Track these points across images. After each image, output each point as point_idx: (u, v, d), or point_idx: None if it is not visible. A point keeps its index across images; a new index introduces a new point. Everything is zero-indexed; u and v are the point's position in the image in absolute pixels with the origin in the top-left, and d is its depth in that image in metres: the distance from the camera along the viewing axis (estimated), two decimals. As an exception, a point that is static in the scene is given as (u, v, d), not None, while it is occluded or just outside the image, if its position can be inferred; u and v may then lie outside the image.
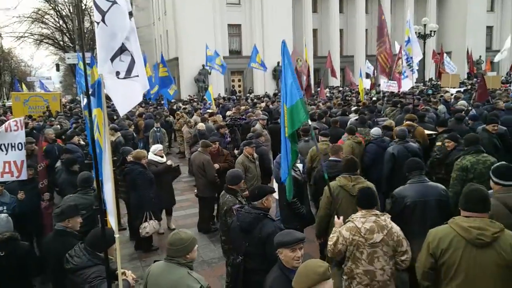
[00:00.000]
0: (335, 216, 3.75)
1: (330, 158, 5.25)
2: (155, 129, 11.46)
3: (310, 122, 4.55)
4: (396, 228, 3.33)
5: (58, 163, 6.75)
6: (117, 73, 3.03)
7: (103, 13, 2.89)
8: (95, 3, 2.89)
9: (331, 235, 3.49)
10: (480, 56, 36.02)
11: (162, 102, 19.74)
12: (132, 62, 3.08)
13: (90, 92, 3.07)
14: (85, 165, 7.01)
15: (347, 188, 4.08)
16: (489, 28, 39.93)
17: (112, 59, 2.97)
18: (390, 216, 3.41)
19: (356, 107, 11.77)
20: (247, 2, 31.36)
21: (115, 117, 13.05)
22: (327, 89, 25.32)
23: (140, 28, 32.52)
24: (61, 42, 32.72)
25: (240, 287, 3.59)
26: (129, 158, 6.42)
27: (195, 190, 7.20)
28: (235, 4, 31.46)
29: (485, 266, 2.68)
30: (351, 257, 3.34)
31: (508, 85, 20.10)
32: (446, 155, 5.81)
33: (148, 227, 6.02)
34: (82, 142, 8.41)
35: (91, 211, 4.75)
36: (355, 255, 3.31)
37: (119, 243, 3.09)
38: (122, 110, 3.29)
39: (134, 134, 11.39)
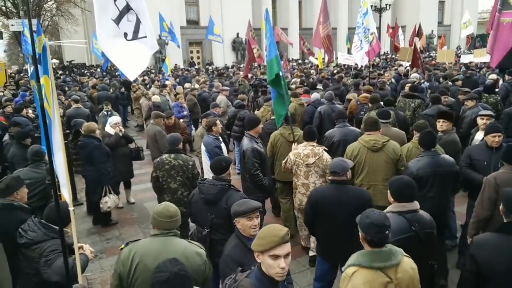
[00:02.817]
0: (293, 145, 4.94)
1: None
2: (105, 113, 9.27)
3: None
4: (326, 156, 4.61)
5: (6, 137, 6.38)
6: (125, 35, 2.85)
7: None
8: None
9: (284, 160, 4.83)
10: (432, 31, 37.28)
11: (117, 73, 18.96)
12: (138, 21, 2.91)
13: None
14: (37, 138, 6.68)
15: (285, 136, 5.42)
16: (441, 3, 41.21)
17: (118, 20, 2.78)
18: (324, 148, 4.77)
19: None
20: (204, -30, 30.28)
21: (66, 89, 12.43)
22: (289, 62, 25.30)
23: (89, -6, 30.68)
24: (3, 8, 30.24)
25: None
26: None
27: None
28: (192, -29, 30.30)
29: (379, 162, 4.35)
30: (295, 173, 4.70)
31: (457, 58, 21.06)
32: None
33: (109, 201, 5.90)
34: (31, 115, 7.96)
35: (44, 185, 4.57)
36: (296, 172, 4.67)
37: (74, 217, 3.01)
38: (132, 75, 3.13)
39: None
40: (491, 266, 2.51)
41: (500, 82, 9.73)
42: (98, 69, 25.38)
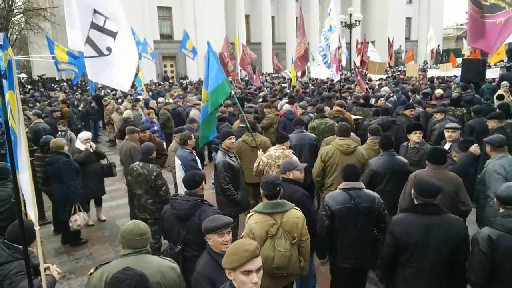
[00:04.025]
0: (259, 152, 5.40)
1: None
2: (60, 133, 8.67)
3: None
4: (295, 158, 5.01)
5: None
6: (108, 49, 2.86)
7: None
8: None
9: (255, 163, 5.20)
10: (400, 46, 38.61)
11: (88, 87, 18.62)
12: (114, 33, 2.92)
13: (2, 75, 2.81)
14: (3, 155, 6.44)
15: (248, 142, 5.97)
16: (408, 19, 42.88)
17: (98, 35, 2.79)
18: (293, 151, 5.32)
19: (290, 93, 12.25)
20: (177, -16, 30.39)
21: (31, 105, 12.10)
22: (261, 76, 25.57)
23: (60, 7, 30.13)
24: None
25: None
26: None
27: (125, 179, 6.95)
28: (165, -15, 30.35)
29: None
30: (266, 174, 4.93)
31: (424, 73, 21.85)
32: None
33: (79, 219, 5.71)
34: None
35: (10, 204, 4.40)
36: (268, 172, 4.97)
37: (40, 237, 2.89)
38: (126, 86, 3.13)
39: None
40: (405, 239, 3.02)
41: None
42: (65, 84, 24.85)
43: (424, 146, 5.13)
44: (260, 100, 11.05)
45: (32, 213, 2.89)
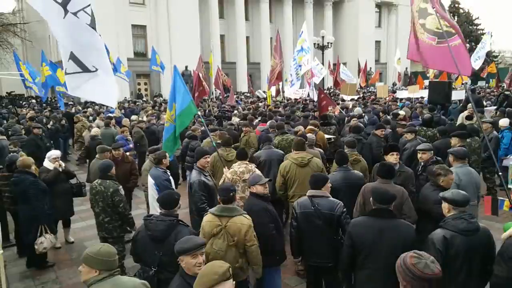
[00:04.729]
0: (224, 169, 5.49)
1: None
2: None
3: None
4: (257, 171, 5.18)
5: None
6: (94, 66, 2.86)
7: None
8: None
9: (221, 180, 5.34)
10: (370, 68, 39.90)
11: (58, 104, 18.17)
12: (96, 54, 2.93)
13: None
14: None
15: (223, 156, 6.00)
16: (377, 43, 44.53)
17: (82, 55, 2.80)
18: (255, 165, 5.60)
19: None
20: (152, 3, 30.45)
21: (5, 122, 11.70)
22: (235, 95, 25.75)
23: (31, 23, 29.54)
24: None
25: None
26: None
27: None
28: (139, 4, 30.35)
29: (306, 175, 4.94)
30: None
31: (394, 94, 22.59)
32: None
33: (46, 241, 5.46)
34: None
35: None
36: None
37: (3, 260, 2.76)
38: (112, 102, 3.14)
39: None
40: (360, 239, 3.31)
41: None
42: (33, 101, 24.17)
43: (405, 169, 5.19)
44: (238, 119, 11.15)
45: (-4, 236, 2.75)
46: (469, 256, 3.03)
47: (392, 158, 5.21)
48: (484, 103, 14.88)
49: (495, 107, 12.51)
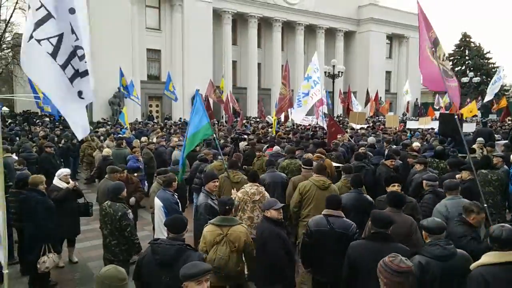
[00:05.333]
0: (233, 190, 5.76)
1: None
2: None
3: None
4: (267, 194, 5.63)
5: None
6: (80, 93, 2.94)
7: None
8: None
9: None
10: (380, 98, 40.05)
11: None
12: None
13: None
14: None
15: (230, 177, 6.32)
16: (388, 73, 44.85)
17: (72, 79, 2.88)
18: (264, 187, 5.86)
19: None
20: (167, 29, 31.26)
21: (17, 139, 11.89)
22: (245, 120, 25.97)
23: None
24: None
25: None
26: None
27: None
28: (155, 29, 31.18)
29: (324, 198, 4.79)
30: (241, 208, 5.47)
31: (403, 124, 22.56)
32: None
33: (48, 261, 5.40)
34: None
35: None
36: (243, 207, 5.49)
37: (7, 281, 2.74)
38: (82, 134, 3.20)
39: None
40: (358, 261, 3.54)
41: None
42: (47, 119, 24.57)
43: (409, 199, 5.10)
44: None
45: (2, 255, 2.75)
46: (445, 280, 3.17)
47: (393, 189, 5.11)
48: (496, 136, 14.77)
49: (506, 141, 12.39)
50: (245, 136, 12.74)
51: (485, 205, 4.64)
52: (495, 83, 20.05)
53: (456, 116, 7.02)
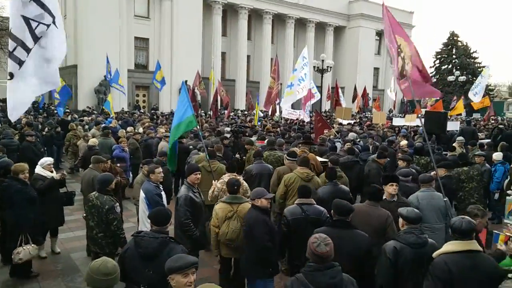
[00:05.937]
0: (213, 181, 5.83)
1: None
2: None
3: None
4: (245, 184, 5.82)
5: None
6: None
7: None
8: None
9: (210, 189, 5.72)
10: (368, 94, 40.35)
11: (55, 111, 18.11)
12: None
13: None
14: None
15: (205, 166, 6.47)
16: (376, 69, 45.19)
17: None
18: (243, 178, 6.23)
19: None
20: (156, 17, 30.83)
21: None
22: (232, 113, 25.92)
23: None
24: None
25: None
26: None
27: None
28: (144, 17, 30.70)
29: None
30: (220, 198, 5.32)
31: (390, 121, 22.79)
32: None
33: (23, 252, 5.25)
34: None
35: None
36: (222, 197, 5.30)
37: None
38: (14, 116, 3.11)
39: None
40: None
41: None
42: (30, 106, 24.05)
43: (404, 200, 5.08)
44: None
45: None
46: (416, 265, 3.44)
47: (391, 189, 5.02)
48: (479, 135, 15.04)
49: (489, 140, 12.64)
50: (245, 130, 12.71)
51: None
52: (479, 84, 20.39)
53: (444, 114, 7.18)
